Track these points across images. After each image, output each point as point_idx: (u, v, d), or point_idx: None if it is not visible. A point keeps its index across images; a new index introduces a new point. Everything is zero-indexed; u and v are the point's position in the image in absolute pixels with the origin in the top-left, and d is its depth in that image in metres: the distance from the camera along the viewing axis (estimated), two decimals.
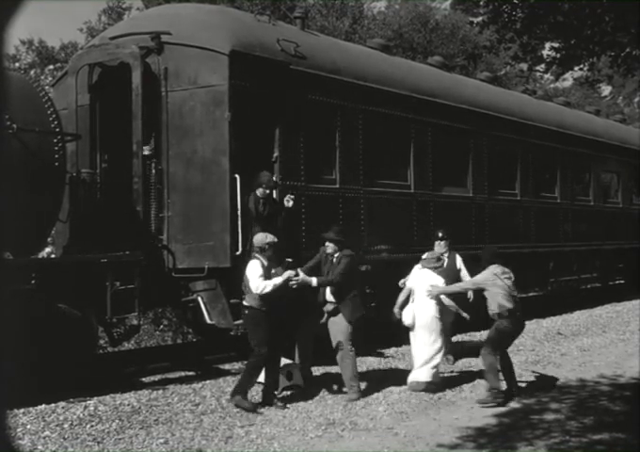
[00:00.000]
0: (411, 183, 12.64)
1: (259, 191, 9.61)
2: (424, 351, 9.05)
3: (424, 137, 12.93)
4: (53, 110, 9.03)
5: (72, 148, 9.86)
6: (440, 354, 9.18)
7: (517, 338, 9.02)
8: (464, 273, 10.48)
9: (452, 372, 10.14)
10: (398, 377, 9.55)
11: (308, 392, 8.77)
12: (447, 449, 6.61)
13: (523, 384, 9.17)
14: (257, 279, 8.02)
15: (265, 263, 8.15)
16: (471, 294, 9.88)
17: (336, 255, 8.79)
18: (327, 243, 8.86)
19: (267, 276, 8.08)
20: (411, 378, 9.05)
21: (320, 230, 9.33)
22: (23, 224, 7.52)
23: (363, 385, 8.96)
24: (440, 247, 10.61)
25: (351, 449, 6.71)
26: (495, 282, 8.49)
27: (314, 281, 8.56)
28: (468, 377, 9.71)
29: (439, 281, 9.20)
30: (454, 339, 11.16)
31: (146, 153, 9.77)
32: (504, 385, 8.55)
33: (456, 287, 9.20)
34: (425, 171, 12.90)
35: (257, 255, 8.21)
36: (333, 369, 9.29)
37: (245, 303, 8.20)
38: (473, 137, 14.21)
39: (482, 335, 12.83)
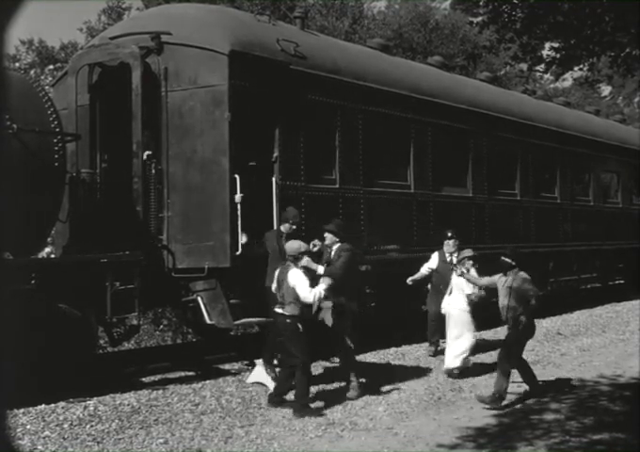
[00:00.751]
0: (411, 183, 12.64)
1: (284, 227, 9.35)
2: (453, 343, 9.81)
3: (424, 137, 12.92)
4: (53, 110, 9.02)
5: (72, 148, 9.86)
6: (468, 344, 9.79)
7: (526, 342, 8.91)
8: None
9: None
10: (398, 377, 9.56)
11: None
12: (447, 449, 6.61)
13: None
14: (307, 287, 8.01)
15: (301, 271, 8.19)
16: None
17: (334, 247, 8.85)
18: (325, 234, 8.93)
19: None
20: (446, 365, 9.81)
21: (320, 230, 9.33)
22: (23, 224, 7.52)
23: (364, 385, 8.98)
24: (448, 246, 10.71)
25: (351, 449, 6.71)
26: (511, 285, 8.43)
27: (320, 268, 8.59)
28: (468, 376, 9.71)
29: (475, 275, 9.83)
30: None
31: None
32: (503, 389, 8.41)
33: (483, 281, 9.19)
34: (425, 171, 12.90)
35: (292, 264, 8.18)
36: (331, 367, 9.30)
37: (286, 313, 8.08)
38: (473, 137, 14.20)
39: (481, 334, 12.85)
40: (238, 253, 9.48)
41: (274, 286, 8.33)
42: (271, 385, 8.70)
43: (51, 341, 8.00)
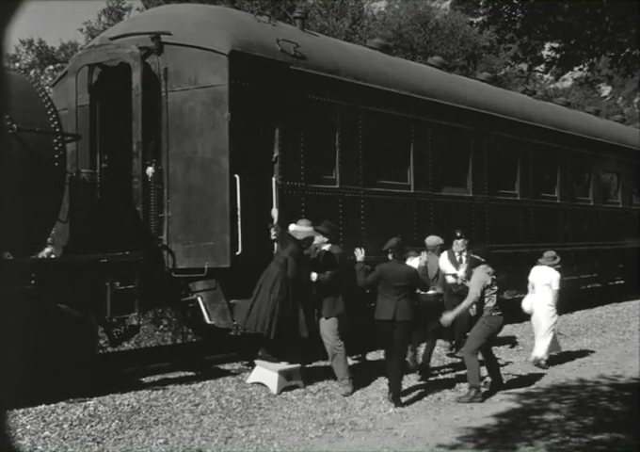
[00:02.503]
0: (411, 183, 12.64)
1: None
2: (541, 334, 10.62)
3: (424, 137, 12.92)
4: (53, 110, 9.02)
5: (72, 148, 9.86)
6: (551, 335, 10.66)
7: (497, 335, 9.24)
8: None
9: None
10: None
11: (307, 391, 8.78)
12: (447, 449, 6.60)
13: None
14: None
15: None
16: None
17: (324, 247, 9.01)
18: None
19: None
20: (534, 354, 10.60)
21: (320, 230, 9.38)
22: (23, 224, 7.52)
23: (364, 385, 8.99)
24: (457, 246, 10.79)
25: (351, 449, 6.71)
26: (486, 283, 8.69)
27: (314, 276, 8.93)
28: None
29: (555, 275, 10.73)
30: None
31: (149, 173, 9.74)
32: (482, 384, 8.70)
33: (467, 303, 8.95)
34: (425, 171, 12.90)
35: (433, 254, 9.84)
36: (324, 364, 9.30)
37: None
38: (473, 137, 14.20)
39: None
40: (238, 253, 9.48)
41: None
42: (272, 385, 8.71)
43: (51, 341, 8.00)
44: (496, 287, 8.73)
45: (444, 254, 11.05)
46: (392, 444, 6.79)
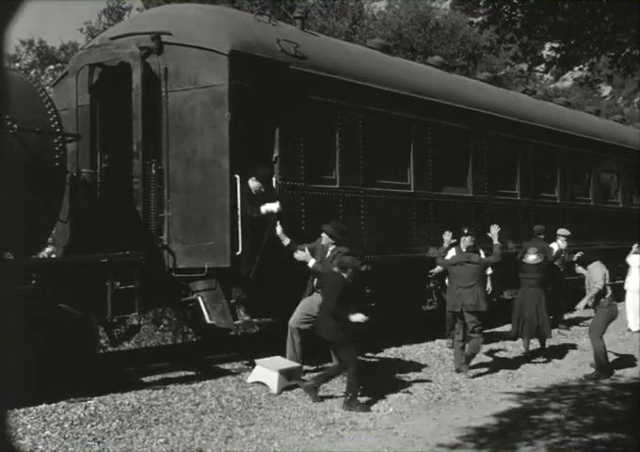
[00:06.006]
0: (411, 183, 12.64)
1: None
2: (635, 308, 13.94)
3: (424, 137, 12.92)
4: (53, 110, 9.02)
5: (73, 148, 9.86)
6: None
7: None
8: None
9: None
10: (398, 377, 9.56)
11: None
12: (447, 449, 6.61)
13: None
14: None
15: None
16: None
17: (330, 248, 9.03)
18: (322, 234, 9.20)
19: None
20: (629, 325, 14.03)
21: (320, 230, 9.39)
22: (23, 224, 7.52)
23: (364, 384, 9.00)
24: (464, 242, 10.86)
25: (351, 449, 6.72)
26: (605, 276, 10.14)
27: (312, 262, 9.05)
28: (468, 379, 9.72)
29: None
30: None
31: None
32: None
33: (592, 293, 10.43)
34: (425, 171, 12.90)
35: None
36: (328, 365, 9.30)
37: None
38: (473, 137, 14.20)
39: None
40: (238, 253, 9.48)
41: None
42: (272, 385, 8.72)
43: (51, 341, 8.00)
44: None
45: (452, 251, 11.11)
46: (393, 444, 6.80)
